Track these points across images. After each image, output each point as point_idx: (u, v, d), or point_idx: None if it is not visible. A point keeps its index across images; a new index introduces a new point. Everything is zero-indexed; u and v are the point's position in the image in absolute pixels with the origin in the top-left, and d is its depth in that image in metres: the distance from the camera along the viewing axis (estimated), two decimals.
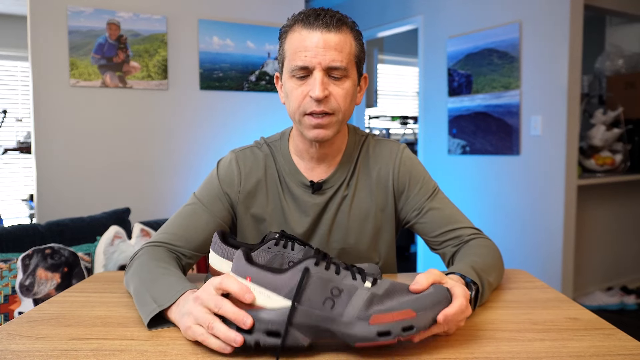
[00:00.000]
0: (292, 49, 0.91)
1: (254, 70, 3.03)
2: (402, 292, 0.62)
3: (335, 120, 0.92)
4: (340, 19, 0.91)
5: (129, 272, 0.87)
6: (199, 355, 0.62)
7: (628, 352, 0.61)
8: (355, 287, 0.61)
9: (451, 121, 3.49)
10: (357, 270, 0.63)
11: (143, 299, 0.75)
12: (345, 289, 0.61)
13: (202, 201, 1.00)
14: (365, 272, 0.63)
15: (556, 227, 2.90)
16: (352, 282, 0.61)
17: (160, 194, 2.82)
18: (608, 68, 3.68)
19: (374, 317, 0.59)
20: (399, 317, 0.59)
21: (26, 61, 4.55)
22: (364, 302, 0.60)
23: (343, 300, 0.60)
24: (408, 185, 1.02)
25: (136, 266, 0.86)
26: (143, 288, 0.77)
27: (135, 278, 0.82)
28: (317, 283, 0.60)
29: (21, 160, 4.85)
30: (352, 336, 0.59)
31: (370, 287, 0.61)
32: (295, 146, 1.02)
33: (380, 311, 0.59)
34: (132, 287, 0.81)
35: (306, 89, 0.90)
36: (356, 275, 0.62)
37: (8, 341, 0.66)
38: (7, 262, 1.66)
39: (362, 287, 0.61)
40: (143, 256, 0.88)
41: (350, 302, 0.60)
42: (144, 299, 0.75)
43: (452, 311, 0.61)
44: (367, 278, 0.62)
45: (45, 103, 2.51)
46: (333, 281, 0.61)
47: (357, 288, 0.61)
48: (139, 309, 0.74)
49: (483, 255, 0.89)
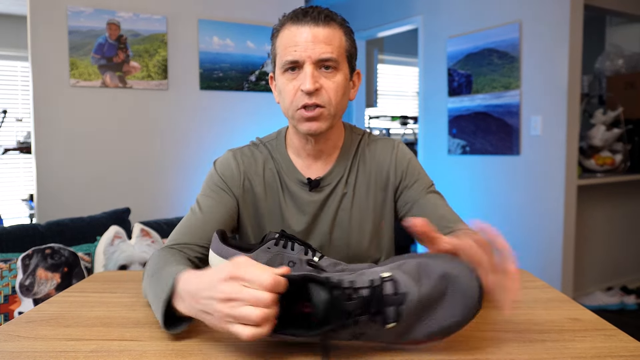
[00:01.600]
0: (282, 46, 0.92)
1: (254, 70, 3.03)
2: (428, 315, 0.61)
3: (327, 113, 0.92)
4: (329, 15, 0.92)
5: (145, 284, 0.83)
6: (199, 356, 0.62)
7: (629, 354, 0.61)
8: (377, 330, 0.60)
9: (451, 121, 3.49)
10: (376, 312, 0.59)
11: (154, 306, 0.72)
12: (367, 333, 0.60)
13: (206, 194, 0.99)
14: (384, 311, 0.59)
15: (556, 227, 2.90)
16: (373, 326, 0.59)
17: (160, 194, 2.82)
18: (608, 68, 3.68)
19: (403, 343, 0.62)
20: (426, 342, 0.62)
21: (26, 61, 4.55)
22: (389, 338, 0.61)
23: (367, 338, 0.61)
24: (404, 178, 1.03)
25: (145, 278, 0.83)
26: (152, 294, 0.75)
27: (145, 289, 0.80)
28: (339, 332, 0.59)
29: (21, 160, 4.85)
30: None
31: (394, 327, 0.59)
32: (291, 144, 1.02)
33: (406, 340, 0.62)
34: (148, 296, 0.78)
35: (297, 83, 0.91)
36: (376, 319, 0.59)
37: (7, 342, 0.66)
38: (7, 262, 1.66)
39: (385, 329, 0.59)
40: (147, 264, 0.86)
41: (374, 340, 0.61)
42: (154, 304, 0.72)
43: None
44: (388, 318, 0.59)
45: (45, 103, 2.51)
46: (354, 329, 0.59)
47: (379, 330, 0.60)
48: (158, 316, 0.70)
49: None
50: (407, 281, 0.60)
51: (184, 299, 0.65)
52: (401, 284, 0.59)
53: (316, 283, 0.60)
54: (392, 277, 0.60)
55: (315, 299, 0.59)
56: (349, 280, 0.59)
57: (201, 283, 0.62)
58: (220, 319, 0.59)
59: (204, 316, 0.62)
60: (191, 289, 0.64)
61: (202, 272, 0.65)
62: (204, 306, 0.61)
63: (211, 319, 0.61)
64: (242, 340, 0.58)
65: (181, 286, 0.66)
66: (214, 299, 0.59)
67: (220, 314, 0.59)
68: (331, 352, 0.62)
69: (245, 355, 0.62)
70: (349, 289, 0.58)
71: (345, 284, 0.59)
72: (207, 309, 0.61)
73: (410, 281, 0.60)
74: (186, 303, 0.65)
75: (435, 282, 0.60)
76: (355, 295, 0.58)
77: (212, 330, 0.70)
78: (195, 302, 0.63)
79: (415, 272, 0.61)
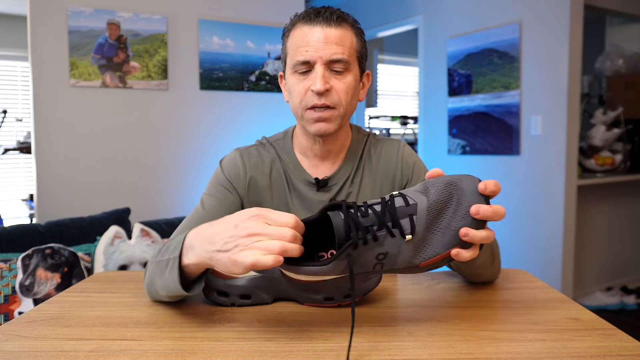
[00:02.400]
0: (294, 46, 0.92)
1: (254, 70, 3.03)
2: (441, 223, 0.63)
3: (337, 114, 0.92)
4: (341, 16, 0.92)
5: (147, 281, 0.83)
6: (199, 356, 0.62)
7: (629, 353, 0.61)
8: (397, 245, 0.62)
9: (451, 121, 3.49)
10: (392, 225, 0.62)
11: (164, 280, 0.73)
12: (389, 251, 0.63)
13: (211, 194, 0.99)
14: (399, 223, 0.62)
15: (556, 227, 2.90)
16: (392, 241, 0.62)
17: (160, 194, 2.82)
18: (608, 68, 3.68)
19: (423, 264, 0.64)
20: (445, 256, 0.63)
21: (26, 61, 4.56)
22: (410, 254, 0.63)
23: (390, 260, 0.63)
24: (411, 179, 1.03)
25: (147, 271, 0.83)
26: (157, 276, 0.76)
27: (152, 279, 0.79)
28: (362, 256, 0.63)
29: (21, 160, 4.85)
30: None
31: (412, 239, 0.62)
32: (299, 144, 1.02)
33: (426, 258, 0.63)
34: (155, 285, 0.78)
35: (308, 83, 0.91)
36: (393, 231, 0.62)
37: (7, 342, 0.66)
38: (7, 262, 1.66)
39: (404, 243, 0.62)
40: (150, 261, 0.85)
41: (396, 261, 0.63)
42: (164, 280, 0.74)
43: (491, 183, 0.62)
44: (405, 230, 0.62)
45: (45, 103, 2.51)
46: (376, 249, 0.62)
47: (400, 245, 0.62)
48: (170, 289, 0.73)
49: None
50: (415, 194, 0.64)
51: (193, 246, 0.68)
52: (410, 196, 0.63)
53: (333, 209, 0.63)
54: (401, 192, 0.64)
55: (335, 223, 0.62)
56: (363, 202, 0.64)
57: (220, 225, 0.65)
58: (240, 252, 0.61)
59: (218, 256, 0.64)
60: (206, 234, 0.66)
61: (215, 221, 0.67)
62: (222, 245, 0.63)
63: (225, 257, 0.63)
64: (261, 265, 0.60)
65: (190, 237, 0.69)
66: (237, 236, 0.62)
67: (241, 247, 0.61)
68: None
69: (245, 355, 0.62)
70: (363, 206, 0.63)
71: (360, 203, 0.65)
72: (226, 246, 0.63)
73: (418, 194, 0.64)
74: (196, 250, 0.67)
75: (442, 189, 0.63)
76: (369, 211, 0.62)
77: (212, 330, 0.70)
78: (211, 244, 0.65)
79: (422, 186, 0.65)
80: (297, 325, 0.71)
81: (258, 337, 0.67)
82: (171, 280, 0.72)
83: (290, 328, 0.70)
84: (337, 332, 0.68)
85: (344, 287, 0.70)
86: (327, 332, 0.68)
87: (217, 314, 0.76)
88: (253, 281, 0.79)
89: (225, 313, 0.77)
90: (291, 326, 0.71)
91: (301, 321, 0.73)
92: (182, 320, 0.74)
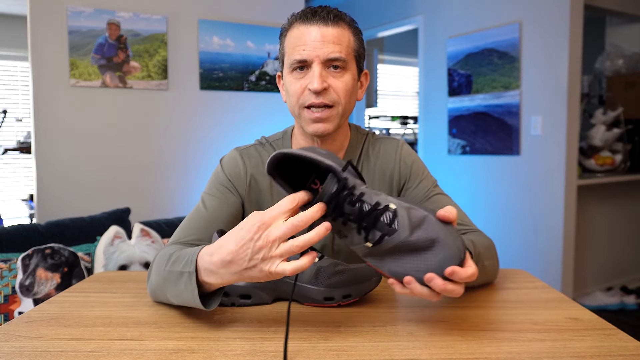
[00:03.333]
0: (291, 45, 0.92)
1: (254, 70, 3.03)
2: (401, 258, 0.64)
3: (335, 113, 0.92)
4: (338, 15, 0.92)
5: (153, 287, 0.82)
6: (199, 356, 0.62)
7: (629, 353, 0.61)
8: (358, 241, 0.64)
9: (451, 121, 3.49)
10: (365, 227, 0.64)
11: (178, 291, 0.72)
12: (349, 237, 0.65)
13: (212, 193, 0.98)
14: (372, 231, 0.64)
15: (556, 227, 2.90)
16: (356, 235, 0.64)
17: (160, 194, 2.82)
18: (608, 68, 3.68)
19: (369, 264, 0.66)
20: (384, 275, 0.65)
21: (26, 61, 4.56)
22: (364, 253, 0.65)
23: (348, 242, 0.66)
24: (409, 179, 1.03)
25: (153, 275, 0.82)
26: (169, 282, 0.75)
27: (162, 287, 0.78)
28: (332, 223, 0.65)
29: (21, 160, 4.85)
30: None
31: (371, 247, 0.64)
32: (297, 144, 1.02)
33: (373, 264, 0.65)
34: (166, 293, 0.77)
35: (305, 82, 0.91)
36: (361, 231, 0.64)
37: (7, 342, 0.66)
38: (7, 262, 1.66)
39: (363, 244, 0.64)
40: (154, 262, 0.84)
41: (352, 246, 0.66)
42: (177, 290, 0.73)
43: (465, 273, 0.61)
44: (371, 239, 0.63)
45: (45, 103, 2.51)
46: (341, 228, 0.65)
47: (360, 242, 0.64)
48: (184, 300, 0.72)
49: (480, 243, 0.87)
50: (405, 222, 0.63)
51: (214, 272, 0.67)
52: (398, 221, 0.63)
53: (334, 175, 0.64)
54: (396, 211, 0.64)
55: (326, 188, 0.63)
56: (361, 192, 0.64)
57: (233, 244, 0.65)
58: (273, 263, 0.63)
59: (248, 273, 0.65)
60: (224, 259, 0.66)
61: (222, 242, 0.67)
62: (247, 262, 0.64)
63: (256, 271, 0.64)
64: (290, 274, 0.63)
65: (206, 263, 0.68)
66: (258, 248, 0.63)
67: (266, 258, 0.63)
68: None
69: (245, 355, 0.62)
70: (356, 197, 0.63)
71: (357, 192, 0.64)
72: (252, 262, 0.64)
73: (407, 223, 0.63)
74: (219, 275, 0.67)
75: (426, 239, 0.63)
76: (357, 205, 0.63)
77: (212, 330, 0.70)
78: (236, 266, 0.65)
79: (418, 221, 0.64)
80: (297, 325, 0.71)
81: (258, 337, 0.67)
82: (187, 294, 0.71)
83: (290, 328, 0.70)
84: (337, 332, 0.68)
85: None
86: (327, 332, 0.68)
87: (217, 314, 0.76)
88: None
89: (225, 313, 0.77)
90: (291, 326, 0.71)
91: (301, 321, 0.73)
92: (182, 320, 0.74)
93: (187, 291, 0.70)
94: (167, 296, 0.77)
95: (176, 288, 0.73)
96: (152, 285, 0.81)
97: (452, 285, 0.61)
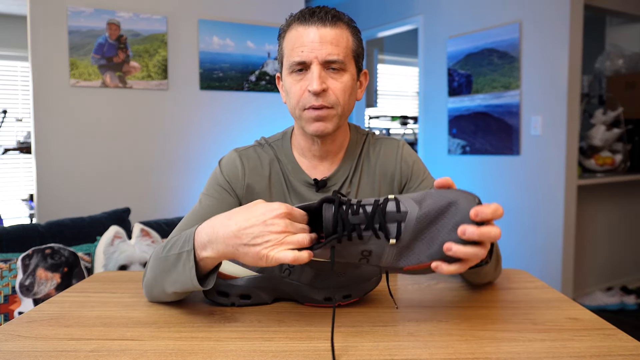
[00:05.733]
0: (289, 47, 0.92)
1: (254, 70, 3.03)
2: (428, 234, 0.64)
3: (334, 113, 0.92)
4: (336, 15, 0.92)
5: (148, 281, 0.82)
6: (199, 356, 0.62)
7: (629, 353, 0.61)
8: (382, 247, 0.64)
9: (451, 121, 3.49)
10: (379, 227, 0.64)
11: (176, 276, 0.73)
12: (374, 250, 0.65)
13: (209, 194, 0.99)
14: (387, 227, 0.64)
15: (556, 227, 2.90)
16: (377, 242, 0.64)
17: (160, 194, 2.82)
18: (608, 68, 3.68)
19: (406, 268, 0.66)
20: (427, 266, 0.65)
21: (26, 61, 4.56)
22: (394, 257, 0.65)
23: (375, 258, 0.66)
24: (410, 179, 1.03)
25: (149, 271, 0.82)
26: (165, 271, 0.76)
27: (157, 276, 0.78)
28: (347, 249, 0.66)
29: (21, 160, 4.85)
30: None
31: (396, 243, 0.64)
32: (297, 144, 1.02)
33: (409, 264, 0.65)
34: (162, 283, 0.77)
35: (304, 84, 0.91)
36: (379, 233, 0.64)
37: (7, 342, 0.66)
38: (7, 262, 1.66)
39: (388, 246, 0.64)
40: (149, 261, 0.84)
41: (381, 259, 0.66)
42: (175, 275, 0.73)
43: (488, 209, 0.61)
44: (390, 234, 0.64)
45: (45, 103, 2.51)
46: (360, 246, 0.65)
47: (384, 247, 0.64)
48: (182, 284, 0.73)
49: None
50: (409, 201, 0.65)
51: (211, 241, 0.69)
52: (403, 203, 0.64)
53: (328, 202, 0.66)
54: (396, 197, 0.65)
55: (325, 216, 0.65)
56: (358, 200, 0.66)
57: (244, 220, 0.67)
58: (275, 249, 0.65)
59: (245, 249, 0.66)
60: (229, 228, 0.68)
61: (233, 214, 0.69)
62: (250, 239, 0.66)
63: (254, 251, 0.66)
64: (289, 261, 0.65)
65: (204, 232, 0.70)
66: (268, 232, 0.65)
67: (272, 243, 0.65)
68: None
69: (245, 355, 0.62)
70: (355, 205, 0.65)
71: (353, 201, 0.66)
72: (255, 241, 0.66)
73: (412, 202, 0.64)
74: (216, 244, 0.69)
75: (437, 202, 0.64)
76: (360, 211, 0.64)
77: (212, 330, 0.70)
78: (236, 238, 0.67)
79: (421, 195, 0.66)
80: (297, 325, 0.71)
81: (258, 337, 0.67)
82: (185, 274, 0.71)
83: (290, 328, 0.70)
84: (337, 332, 0.68)
85: (326, 270, 0.77)
86: (327, 332, 0.68)
87: (217, 314, 0.76)
88: (253, 281, 0.79)
89: (225, 313, 0.77)
90: (291, 326, 0.71)
91: (301, 321, 0.73)
92: (182, 320, 0.74)
93: (185, 271, 0.71)
94: (164, 287, 0.77)
95: (173, 273, 0.74)
96: (148, 281, 0.81)
97: (486, 227, 0.61)
